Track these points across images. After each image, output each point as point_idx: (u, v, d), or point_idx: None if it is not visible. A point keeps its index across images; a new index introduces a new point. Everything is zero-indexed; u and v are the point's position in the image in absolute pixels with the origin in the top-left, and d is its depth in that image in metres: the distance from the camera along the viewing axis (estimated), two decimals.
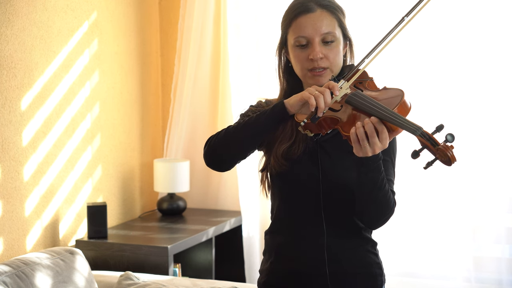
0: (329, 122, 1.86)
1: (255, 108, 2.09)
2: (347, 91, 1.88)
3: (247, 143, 1.98)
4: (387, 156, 1.98)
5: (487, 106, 3.47)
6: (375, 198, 1.89)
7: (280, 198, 2.07)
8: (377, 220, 1.96)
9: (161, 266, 3.22)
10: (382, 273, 2.08)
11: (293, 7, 2.02)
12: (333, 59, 1.98)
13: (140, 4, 3.88)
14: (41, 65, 3.15)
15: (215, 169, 2.05)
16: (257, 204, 3.83)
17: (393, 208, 1.95)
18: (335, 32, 1.98)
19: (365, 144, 1.76)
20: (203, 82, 3.92)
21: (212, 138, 2.03)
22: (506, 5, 3.40)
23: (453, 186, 3.50)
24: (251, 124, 1.96)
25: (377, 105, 1.77)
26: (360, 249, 2.05)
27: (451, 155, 1.65)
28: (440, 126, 1.69)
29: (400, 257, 3.63)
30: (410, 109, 1.80)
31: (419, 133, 1.68)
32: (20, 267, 2.64)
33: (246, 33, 3.80)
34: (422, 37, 3.52)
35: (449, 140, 1.66)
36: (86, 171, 3.46)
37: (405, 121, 1.71)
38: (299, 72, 2.02)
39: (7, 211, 2.97)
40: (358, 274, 2.04)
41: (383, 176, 1.88)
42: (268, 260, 2.11)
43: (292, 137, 2.02)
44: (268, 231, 2.14)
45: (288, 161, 2.00)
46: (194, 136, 3.96)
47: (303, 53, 1.98)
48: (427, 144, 1.68)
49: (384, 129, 1.75)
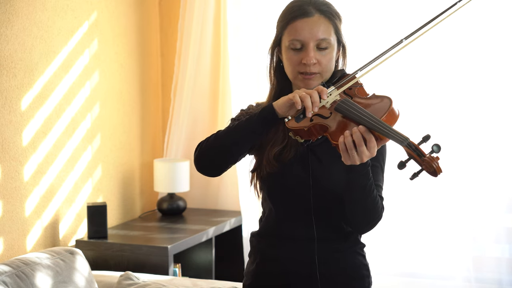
0: (318, 129, 1.86)
1: (246, 112, 2.08)
2: (337, 98, 1.88)
3: (238, 147, 1.96)
4: (377, 162, 1.98)
5: (487, 106, 3.47)
6: (363, 203, 1.90)
7: (270, 201, 2.07)
8: (365, 225, 1.97)
9: (161, 266, 3.23)
10: (369, 274, 2.10)
11: (291, 9, 2.00)
12: (325, 65, 1.98)
13: (140, 4, 3.89)
14: (41, 65, 3.15)
15: (206, 174, 2.03)
16: (257, 204, 3.83)
17: (381, 213, 1.96)
18: (330, 39, 1.98)
19: (353, 153, 1.76)
20: (203, 82, 3.92)
21: (202, 143, 2.01)
22: (496, 14, 3.41)
23: (453, 186, 3.50)
24: (240, 128, 1.94)
25: (365, 114, 1.78)
26: (349, 251, 2.05)
27: (437, 167, 1.66)
28: (427, 136, 1.70)
29: (400, 257, 3.63)
30: (398, 116, 1.80)
31: (406, 144, 1.69)
32: (20, 267, 2.64)
33: (246, 33, 3.80)
34: (412, 44, 3.51)
35: (435, 151, 1.67)
36: (86, 171, 3.47)
37: (392, 131, 1.72)
38: (290, 74, 2.01)
39: (7, 211, 2.97)
40: (347, 276, 2.04)
41: (371, 182, 1.88)
42: (254, 262, 2.10)
43: (283, 141, 2.01)
44: (255, 233, 2.13)
45: (279, 163, 2.00)
46: (194, 136, 3.96)
47: (296, 56, 1.98)
48: (413, 155, 1.69)
49: (372, 138, 1.75)
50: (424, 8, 3.45)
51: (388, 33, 3.52)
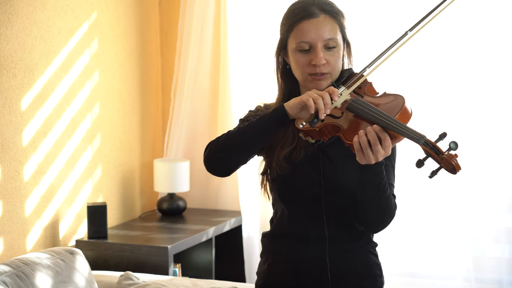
0: (330, 129, 1.85)
1: (255, 113, 2.09)
2: (347, 97, 1.87)
3: (249, 147, 1.97)
4: (388, 161, 1.99)
5: (486, 107, 3.46)
6: (377, 202, 1.91)
7: (282, 202, 2.07)
8: (378, 224, 1.97)
9: (161, 266, 3.22)
10: (382, 274, 2.10)
11: (294, 11, 2.00)
12: (334, 65, 1.98)
13: (140, 4, 3.88)
14: (41, 65, 3.15)
15: (216, 174, 2.04)
16: (257, 204, 3.83)
17: (394, 211, 1.96)
18: (337, 38, 1.98)
19: (368, 152, 1.76)
20: (203, 82, 3.92)
21: (212, 143, 2.01)
22: (509, 9, 3.39)
23: (453, 186, 3.50)
24: (252, 128, 1.94)
25: (379, 112, 1.77)
26: (361, 250, 2.06)
27: (456, 164, 1.65)
28: (443, 134, 1.69)
29: (400, 257, 3.63)
30: (411, 115, 1.80)
31: (423, 142, 1.68)
32: (20, 267, 2.64)
33: (246, 33, 3.80)
34: (420, 41, 3.51)
35: (452, 148, 1.66)
36: (86, 171, 3.47)
37: (408, 130, 1.71)
38: (299, 76, 2.01)
39: (7, 211, 2.97)
40: (360, 275, 2.04)
41: (385, 181, 1.89)
42: (266, 262, 2.11)
43: (293, 142, 2.01)
44: (267, 233, 2.13)
45: (289, 164, 2.00)
46: (194, 136, 3.96)
47: (304, 58, 1.97)
48: (431, 153, 1.68)
49: (387, 137, 1.75)
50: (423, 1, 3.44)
51: (390, 27, 3.50)
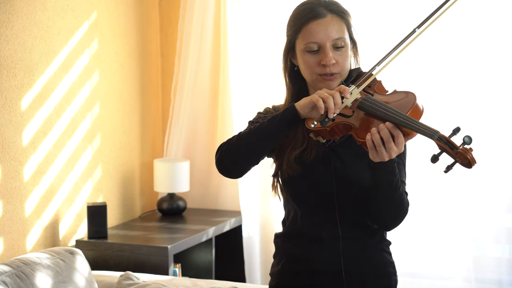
0: (341, 128, 1.85)
1: (264, 115, 2.09)
2: (358, 96, 1.87)
3: (261, 148, 1.97)
4: (399, 158, 1.99)
5: (486, 107, 3.46)
6: (391, 200, 1.92)
7: (294, 202, 2.07)
8: (392, 220, 1.98)
9: (161, 266, 3.22)
10: (396, 272, 2.10)
11: (301, 12, 2.00)
12: (343, 64, 1.99)
13: (140, 4, 3.89)
14: (41, 65, 3.15)
15: (228, 176, 2.04)
16: (257, 204, 3.84)
17: (407, 208, 1.98)
18: (344, 37, 1.98)
19: (381, 150, 1.77)
20: (203, 82, 3.92)
21: (224, 144, 2.01)
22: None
23: (453, 186, 3.50)
24: (263, 129, 1.95)
25: (391, 110, 1.77)
26: (375, 248, 2.07)
27: (471, 158, 1.66)
28: (457, 128, 1.70)
29: (400, 257, 3.61)
30: (422, 112, 1.80)
31: (437, 137, 1.68)
32: (20, 267, 2.64)
33: (246, 33, 3.79)
34: (429, 38, 3.50)
35: (467, 143, 1.67)
36: (86, 171, 3.47)
37: (421, 126, 1.71)
38: (309, 77, 2.01)
39: (7, 211, 2.97)
40: (374, 274, 2.05)
41: (397, 178, 1.90)
42: (280, 263, 2.11)
43: (303, 143, 2.02)
44: (280, 234, 2.13)
45: (300, 165, 2.00)
46: (194, 136, 3.96)
47: (313, 58, 1.98)
48: (446, 148, 1.68)
49: (400, 134, 1.76)
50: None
51: (394, 26, 3.49)
